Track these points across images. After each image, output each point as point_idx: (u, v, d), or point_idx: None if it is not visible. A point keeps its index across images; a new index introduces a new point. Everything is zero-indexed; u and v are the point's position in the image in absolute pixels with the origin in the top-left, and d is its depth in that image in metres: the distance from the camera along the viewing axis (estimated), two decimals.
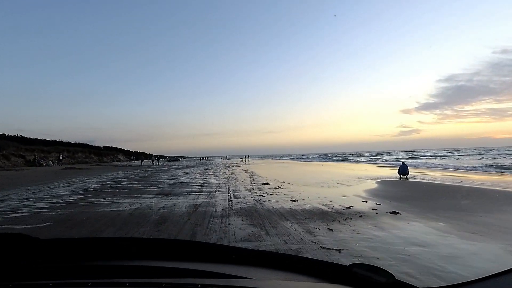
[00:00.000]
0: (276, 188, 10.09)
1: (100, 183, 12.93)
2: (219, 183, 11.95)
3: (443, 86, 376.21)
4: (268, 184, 11.46)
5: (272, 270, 0.73)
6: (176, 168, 27.70)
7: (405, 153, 66.98)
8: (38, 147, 35.82)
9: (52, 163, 31.64)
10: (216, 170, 23.08)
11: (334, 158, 58.49)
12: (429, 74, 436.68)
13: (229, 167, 28.75)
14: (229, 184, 11.47)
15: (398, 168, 14.05)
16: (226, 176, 16.19)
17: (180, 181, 13.54)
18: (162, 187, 10.85)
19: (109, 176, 17.41)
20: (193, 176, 16.18)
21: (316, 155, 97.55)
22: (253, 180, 13.38)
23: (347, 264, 0.68)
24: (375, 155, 63.15)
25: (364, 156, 64.36)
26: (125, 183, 13.00)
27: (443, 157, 43.49)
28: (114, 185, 11.94)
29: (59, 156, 33.71)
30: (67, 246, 0.75)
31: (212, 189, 9.88)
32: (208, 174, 17.73)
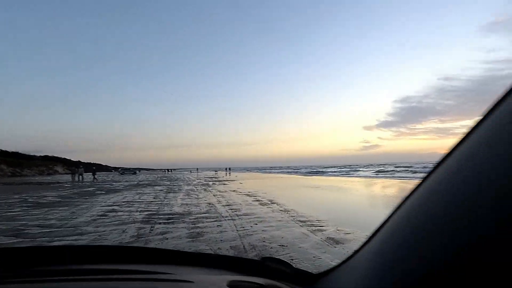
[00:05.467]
0: None
1: None
2: None
3: (398, 106, 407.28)
4: None
5: (198, 268, 0.78)
6: (112, 191, 14.70)
7: (383, 166, 51.90)
8: None
9: None
10: (190, 197, 10.72)
11: (318, 172, 45.28)
12: (388, 95, 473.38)
13: (211, 186, 16.40)
14: None
15: None
16: (236, 241, 4.16)
17: None
18: None
19: None
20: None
21: (292, 168, 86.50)
22: None
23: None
24: (352, 168, 50.98)
25: (341, 169, 51.80)
26: None
27: None
28: None
29: None
30: (14, 253, 0.74)
31: None
32: (166, 232, 5.50)
